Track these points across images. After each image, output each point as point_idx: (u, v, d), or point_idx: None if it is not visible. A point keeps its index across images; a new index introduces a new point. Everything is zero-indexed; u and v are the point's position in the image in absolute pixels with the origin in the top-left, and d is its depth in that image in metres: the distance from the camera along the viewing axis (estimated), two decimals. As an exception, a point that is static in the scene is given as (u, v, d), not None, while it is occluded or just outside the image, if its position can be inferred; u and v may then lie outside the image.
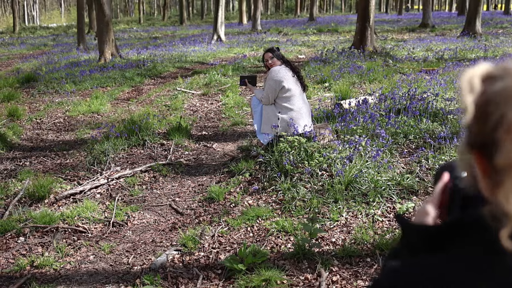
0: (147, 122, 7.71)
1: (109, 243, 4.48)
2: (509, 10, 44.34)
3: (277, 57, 6.23)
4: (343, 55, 15.38)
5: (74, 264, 4.15)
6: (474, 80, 0.83)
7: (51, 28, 50.69)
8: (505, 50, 16.68)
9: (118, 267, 4.09)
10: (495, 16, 41.31)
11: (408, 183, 5.10)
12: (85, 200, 5.32)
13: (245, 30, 32.19)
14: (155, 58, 16.96)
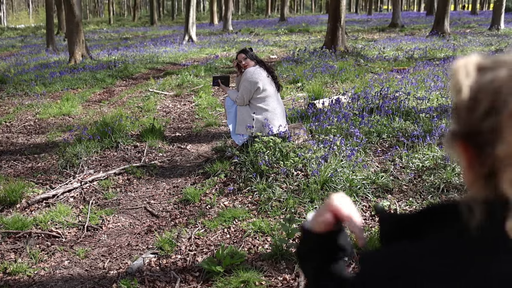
0: (120, 124, 7.63)
1: (84, 248, 4.41)
2: (475, 10, 45.15)
3: (250, 58, 6.21)
4: (315, 55, 15.46)
5: (49, 270, 4.08)
6: (470, 66, 0.85)
7: (19, 29, 49.84)
8: (473, 49, 16.98)
9: (94, 272, 4.03)
10: (462, 16, 42.04)
11: (383, 181, 5.14)
12: (58, 204, 5.23)
13: (216, 31, 32.13)
14: (126, 59, 16.82)
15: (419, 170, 5.46)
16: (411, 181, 5.23)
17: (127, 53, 18.87)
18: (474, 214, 0.80)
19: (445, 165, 5.37)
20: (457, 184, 5.01)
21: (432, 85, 9.51)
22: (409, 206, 4.71)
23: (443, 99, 8.21)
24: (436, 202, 1.07)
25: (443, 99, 8.18)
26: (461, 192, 4.89)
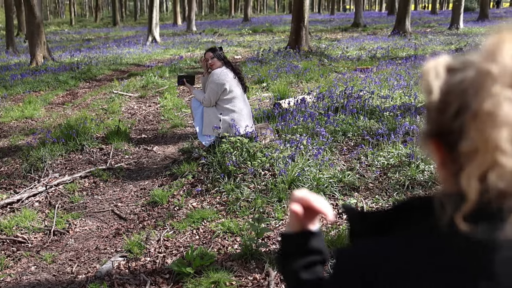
0: (85, 127, 7.53)
1: (51, 253, 4.35)
2: (435, 9, 46.03)
3: (218, 58, 6.18)
4: (279, 55, 15.54)
5: (15, 276, 4.01)
6: (440, 68, 0.88)
7: (-24, 31, 48.61)
8: (433, 48, 17.31)
9: (62, 277, 3.98)
10: (423, 15, 42.80)
11: (349, 179, 5.21)
12: (23, 209, 5.15)
13: (180, 31, 31.97)
14: (90, 60, 16.59)
15: (385, 168, 5.56)
16: (376, 178, 5.32)
17: (90, 55, 18.62)
18: (445, 210, 0.83)
19: (409, 162, 5.47)
20: (422, 181, 5.12)
21: (395, 83, 9.67)
22: (376, 204, 4.79)
23: (406, 97, 8.36)
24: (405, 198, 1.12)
25: (406, 98, 8.33)
26: (426, 188, 4.99)
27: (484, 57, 0.80)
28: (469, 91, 0.80)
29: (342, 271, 0.96)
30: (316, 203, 1.09)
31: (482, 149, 0.77)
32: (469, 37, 21.27)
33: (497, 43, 0.80)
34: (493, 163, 0.77)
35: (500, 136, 0.75)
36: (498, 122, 0.75)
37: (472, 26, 27.20)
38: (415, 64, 12.63)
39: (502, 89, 0.76)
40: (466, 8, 36.62)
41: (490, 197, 0.79)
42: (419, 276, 0.84)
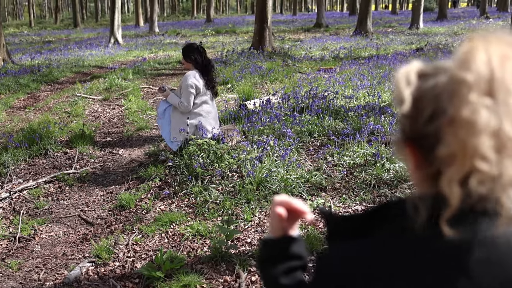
0: (48, 131, 7.41)
1: (16, 260, 4.27)
2: (396, 10, 46.76)
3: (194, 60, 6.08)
4: (243, 56, 15.55)
5: (-20, 285, 3.93)
6: (411, 75, 0.90)
7: None
8: (395, 48, 17.59)
9: (29, 284, 3.92)
10: (383, 15, 43.42)
11: (316, 180, 5.27)
12: (-14, 216, 5.04)
13: (142, 33, 31.69)
14: (51, 63, 16.29)
15: (351, 167, 5.63)
16: (343, 178, 5.38)
17: (51, 57, 18.29)
18: (419, 212, 0.85)
19: (375, 161, 5.56)
20: (387, 180, 5.21)
21: (358, 83, 9.80)
22: (343, 203, 4.85)
23: (370, 97, 8.48)
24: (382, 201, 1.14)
25: (370, 97, 8.45)
26: (392, 187, 5.08)
27: (458, 65, 0.82)
28: (443, 96, 0.83)
29: (321, 274, 0.98)
30: (297, 204, 1.13)
31: (460, 155, 0.80)
32: (429, 36, 21.69)
33: (470, 51, 0.82)
34: (473, 168, 0.79)
35: (479, 143, 0.78)
36: (477, 129, 0.78)
37: (432, 26, 27.74)
38: (378, 64, 12.82)
39: (479, 97, 0.78)
40: (426, 8, 37.30)
41: (471, 201, 0.82)
42: (391, 276, 0.86)
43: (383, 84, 9.80)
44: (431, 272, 0.84)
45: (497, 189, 0.80)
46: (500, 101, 0.78)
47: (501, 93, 0.78)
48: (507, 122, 0.77)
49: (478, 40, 0.83)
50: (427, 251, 0.85)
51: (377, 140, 5.98)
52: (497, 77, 0.79)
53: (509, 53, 0.81)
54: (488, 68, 0.79)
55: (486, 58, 0.80)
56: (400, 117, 0.91)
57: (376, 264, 0.89)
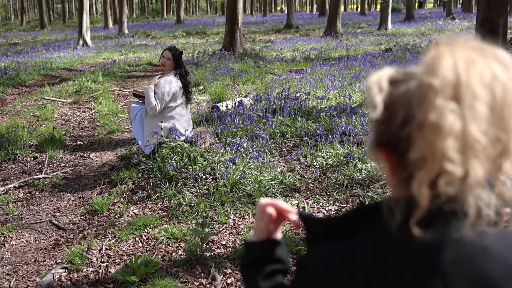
0: (16, 135, 7.27)
1: (-14, 268, 4.19)
2: (364, 11, 47.25)
3: (175, 59, 6.05)
4: (215, 57, 15.52)
5: (-51, 294, 3.84)
6: (382, 81, 0.92)
7: None
8: (364, 49, 17.77)
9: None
10: (352, 16, 43.85)
11: (290, 181, 5.28)
12: (-46, 223, 4.92)
13: (111, 34, 31.36)
14: (18, 65, 15.98)
15: (324, 168, 5.66)
16: (316, 179, 5.41)
17: (18, 59, 17.96)
18: (394, 215, 0.88)
19: (347, 162, 5.60)
20: (360, 180, 5.25)
21: (329, 84, 9.87)
22: (316, 204, 4.87)
23: (341, 98, 8.54)
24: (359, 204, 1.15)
25: (341, 98, 8.51)
26: (364, 187, 5.12)
27: (425, 71, 0.84)
28: (413, 102, 0.85)
29: (301, 275, 0.99)
30: (283, 205, 1.15)
31: (430, 158, 0.82)
32: (397, 37, 21.97)
33: (436, 56, 0.84)
34: (441, 170, 0.81)
35: (446, 146, 0.80)
36: (443, 132, 0.80)
37: (400, 27, 28.10)
38: (348, 64, 12.92)
39: (444, 102, 0.80)
40: (393, 9, 37.77)
41: (440, 202, 0.84)
42: (369, 276, 0.88)
43: (353, 84, 9.88)
44: (407, 273, 0.87)
45: (464, 190, 0.82)
46: (466, 104, 0.80)
47: (466, 97, 0.80)
48: (473, 125, 0.79)
49: (444, 45, 0.85)
50: (403, 252, 0.88)
51: (349, 140, 6.03)
52: (463, 81, 0.81)
53: (474, 58, 0.83)
54: (454, 73, 0.81)
55: (452, 63, 0.82)
56: (373, 123, 0.93)
57: (355, 264, 0.91)
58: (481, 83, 0.81)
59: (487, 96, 0.81)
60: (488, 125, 0.81)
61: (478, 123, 0.80)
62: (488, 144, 0.81)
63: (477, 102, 0.80)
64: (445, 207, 0.85)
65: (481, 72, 0.82)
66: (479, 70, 0.82)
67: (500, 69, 0.83)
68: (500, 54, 0.86)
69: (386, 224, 0.88)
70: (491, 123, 0.81)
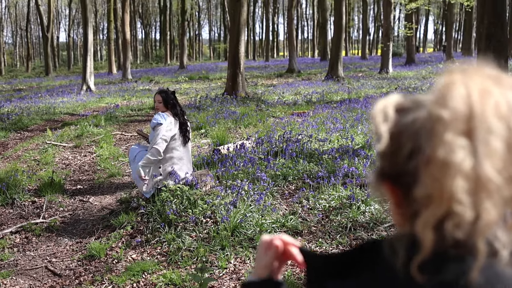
0: (16, 179, 7.21)
1: (-22, 316, 4.05)
2: (365, 55, 47.78)
3: (164, 102, 6.03)
4: (217, 101, 15.57)
5: None
6: (388, 109, 0.85)
7: None
8: (366, 92, 17.82)
9: None
10: (353, 61, 44.26)
11: (292, 224, 5.17)
12: None
13: (115, 80, 31.65)
14: (21, 110, 16.06)
15: (326, 211, 5.55)
16: (319, 221, 5.30)
17: (21, 105, 18.06)
18: (397, 253, 0.81)
19: (350, 204, 5.50)
20: (363, 222, 5.14)
21: (332, 127, 9.83)
22: (319, 247, 4.75)
23: (344, 140, 8.49)
24: (362, 241, 1.09)
25: (344, 140, 8.46)
26: (368, 230, 5.00)
27: (435, 101, 0.78)
28: (422, 133, 0.78)
29: None
30: (288, 238, 1.09)
31: (436, 197, 0.74)
32: (398, 80, 22.08)
33: (448, 85, 0.78)
34: (449, 212, 0.74)
35: (455, 186, 0.73)
36: (452, 171, 0.73)
37: (401, 70, 28.30)
38: (350, 107, 12.94)
39: (454, 137, 0.74)
40: (394, 54, 38.15)
41: (447, 245, 0.77)
42: None
43: (355, 127, 9.85)
44: None
45: (474, 233, 0.75)
46: (479, 140, 0.73)
47: (480, 132, 0.73)
48: (487, 163, 0.72)
49: (458, 73, 0.79)
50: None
51: (352, 182, 5.93)
52: (476, 114, 0.74)
53: (489, 88, 0.76)
54: (466, 105, 0.75)
55: (464, 93, 0.75)
56: (379, 154, 0.86)
57: None
58: (496, 116, 0.74)
59: (503, 130, 0.74)
60: (504, 163, 0.73)
61: (493, 160, 0.72)
62: (503, 183, 0.73)
63: (492, 137, 0.73)
64: (453, 251, 0.78)
65: (497, 104, 0.75)
66: (495, 101, 0.75)
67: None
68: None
69: (390, 263, 0.81)
70: (507, 160, 0.73)
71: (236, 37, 17.05)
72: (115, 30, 40.86)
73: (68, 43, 70.09)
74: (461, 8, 56.50)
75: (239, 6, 16.80)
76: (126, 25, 31.68)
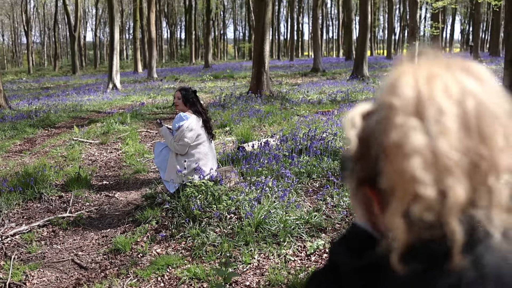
0: (43, 174, 7.32)
1: (6, 306, 4.12)
2: (390, 54, 47.35)
3: (184, 99, 6.07)
4: (241, 99, 15.60)
5: (-33, 333, 3.77)
6: (355, 117, 0.89)
7: None
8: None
9: (18, 332, 3.76)
10: (379, 60, 43.91)
11: (316, 221, 5.15)
12: (-23, 261, 4.89)
13: (141, 78, 31.91)
14: (48, 108, 16.31)
15: (350, 208, 5.52)
16: (343, 219, 5.27)
17: (48, 102, 18.35)
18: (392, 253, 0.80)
19: (375, 201, 5.45)
20: (389, 220, 5.09)
21: (356, 125, 9.76)
22: (344, 244, 4.71)
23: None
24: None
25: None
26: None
27: (386, 91, 0.80)
28: (380, 128, 0.80)
29: None
30: None
31: (399, 183, 0.75)
32: (425, 80, 21.85)
33: (396, 76, 0.80)
34: (414, 195, 0.74)
35: (411, 166, 0.73)
36: (407, 151, 0.73)
37: (427, 70, 28.00)
38: (375, 106, 12.83)
39: (405, 119, 0.75)
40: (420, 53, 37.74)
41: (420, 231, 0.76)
42: None
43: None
44: None
45: (444, 213, 0.74)
46: (431, 120, 0.74)
47: (430, 112, 0.74)
48: (441, 140, 0.73)
49: (405, 65, 0.82)
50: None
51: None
52: (424, 97, 0.75)
53: (437, 72, 0.78)
54: (414, 89, 0.76)
55: (412, 80, 0.78)
56: (353, 161, 0.88)
57: None
58: (446, 97, 0.75)
59: (456, 110, 0.74)
60: (462, 140, 0.73)
61: (448, 138, 0.73)
62: (466, 160, 0.73)
63: (444, 116, 0.73)
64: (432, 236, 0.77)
65: (446, 86, 0.76)
66: (443, 84, 0.76)
67: (471, 82, 0.77)
68: (472, 67, 0.80)
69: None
70: (467, 138, 0.73)
71: (261, 36, 17.06)
72: (141, 29, 41.15)
73: (95, 42, 70.89)
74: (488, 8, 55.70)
75: (264, 5, 16.80)
76: (152, 24, 31.90)
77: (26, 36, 62.06)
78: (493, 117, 0.75)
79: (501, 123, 0.76)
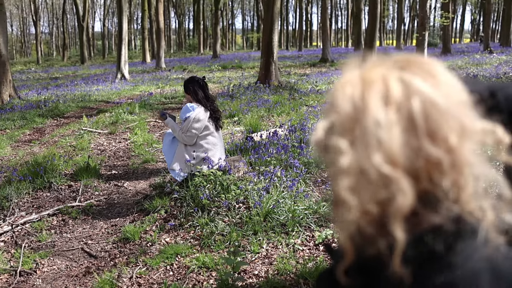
0: (53, 164, 7.35)
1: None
2: (400, 45, 47.11)
3: (193, 92, 6.06)
4: (250, 90, 15.57)
5: (-22, 320, 3.80)
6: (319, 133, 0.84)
7: None
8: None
9: (29, 319, 3.79)
10: (388, 51, 43.68)
11: (325, 210, 5.15)
12: (-12, 249, 4.93)
13: (149, 69, 31.92)
14: (57, 98, 16.36)
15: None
16: (352, 209, 5.26)
17: (57, 92, 18.40)
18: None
19: (384, 192, 5.44)
20: (397, 210, 5.08)
21: (365, 115, 9.72)
22: (352, 234, 4.71)
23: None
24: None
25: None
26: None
27: (329, 108, 0.80)
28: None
29: None
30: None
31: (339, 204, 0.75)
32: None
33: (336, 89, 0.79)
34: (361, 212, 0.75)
35: (341, 186, 0.73)
36: (337, 173, 0.74)
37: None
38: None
39: (337, 139, 0.75)
40: (429, 44, 37.55)
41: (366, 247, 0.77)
42: None
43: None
44: None
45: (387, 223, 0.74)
46: (362, 135, 0.73)
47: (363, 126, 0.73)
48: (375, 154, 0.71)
49: (348, 72, 0.80)
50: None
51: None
52: (359, 109, 0.74)
53: (375, 78, 0.75)
54: (350, 103, 0.75)
55: (349, 92, 0.76)
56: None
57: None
58: (384, 104, 0.73)
59: (396, 116, 0.72)
60: (407, 144, 0.72)
61: (384, 149, 0.71)
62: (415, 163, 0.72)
63: (379, 128, 0.71)
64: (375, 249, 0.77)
65: (385, 91, 0.74)
66: (382, 91, 0.74)
67: (418, 81, 0.74)
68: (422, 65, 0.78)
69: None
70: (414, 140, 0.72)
71: (270, 26, 16.98)
72: (149, 19, 41.14)
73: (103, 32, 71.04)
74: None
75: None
76: (160, 15, 31.89)
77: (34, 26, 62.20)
78: (444, 113, 0.73)
79: (455, 117, 0.73)
